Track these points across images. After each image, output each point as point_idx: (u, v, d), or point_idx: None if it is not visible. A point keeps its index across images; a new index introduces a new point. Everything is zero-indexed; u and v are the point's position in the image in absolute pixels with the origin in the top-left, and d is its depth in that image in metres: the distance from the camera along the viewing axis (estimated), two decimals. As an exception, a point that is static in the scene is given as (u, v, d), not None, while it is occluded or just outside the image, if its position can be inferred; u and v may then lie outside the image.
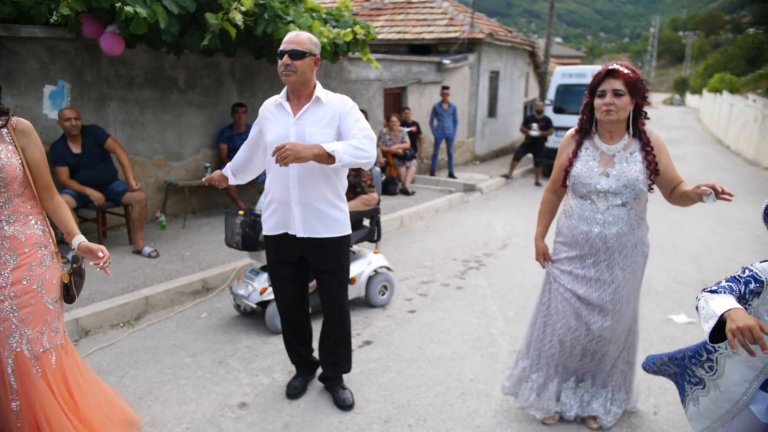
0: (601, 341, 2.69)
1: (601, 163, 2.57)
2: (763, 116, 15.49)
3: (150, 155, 6.11)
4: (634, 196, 2.54)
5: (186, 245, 5.47)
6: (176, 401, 3.02)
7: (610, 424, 2.80)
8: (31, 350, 2.16)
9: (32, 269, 2.17)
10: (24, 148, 2.16)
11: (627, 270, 2.61)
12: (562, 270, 2.74)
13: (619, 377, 2.83)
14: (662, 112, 41.91)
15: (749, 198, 9.86)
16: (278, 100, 2.77)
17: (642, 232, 2.63)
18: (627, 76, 2.45)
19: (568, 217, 2.72)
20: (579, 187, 2.61)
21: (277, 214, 2.80)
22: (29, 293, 2.16)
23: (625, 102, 2.47)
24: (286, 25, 5.47)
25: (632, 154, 2.54)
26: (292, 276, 2.93)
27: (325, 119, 2.68)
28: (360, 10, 13.49)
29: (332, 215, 2.78)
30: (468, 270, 5.40)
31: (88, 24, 4.79)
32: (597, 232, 2.59)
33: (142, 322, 4.04)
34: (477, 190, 9.53)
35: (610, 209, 2.56)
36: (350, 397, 3.03)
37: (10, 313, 2.12)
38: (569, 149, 2.69)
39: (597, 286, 2.64)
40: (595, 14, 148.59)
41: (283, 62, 2.62)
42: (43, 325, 2.20)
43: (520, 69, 15.18)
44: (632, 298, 2.68)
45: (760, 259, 1.96)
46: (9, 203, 2.13)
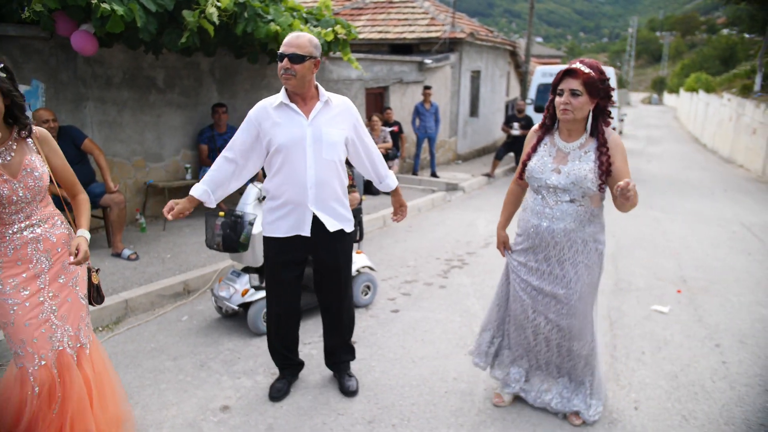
0: (561, 333, 2.73)
1: (555, 160, 2.63)
2: (738, 115, 15.81)
3: (129, 156, 6.02)
4: (583, 194, 2.58)
5: (166, 247, 5.40)
6: (157, 406, 2.97)
7: (593, 418, 2.83)
8: (72, 346, 2.25)
9: (66, 267, 2.28)
10: (47, 155, 2.27)
11: (579, 266, 2.66)
12: (519, 261, 2.83)
13: (595, 373, 2.86)
14: (641, 111, 42.55)
15: (725, 195, 10.05)
16: (280, 101, 2.70)
17: (594, 229, 2.66)
18: (586, 76, 2.46)
19: (523, 209, 2.82)
20: (532, 181, 2.69)
21: (291, 217, 2.78)
22: (65, 290, 2.26)
23: (582, 102, 2.50)
24: (267, 24, 5.43)
25: (587, 153, 2.58)
26: (295, 279, 2.95)
27: (336, 119, 2.76)
28: (341, 9, 13.46)
29: (341, 212, 2.87)
30: (451, 269, 5.41)
31: (63, 22, 4.69)
32: (545, 226, 2.66)
33: (122, 326, 3.97)
34: (459, 189, 9.57)
35: (558, 204, 2.62)
36: (355, 384, 3.14)
37: (50, 313, 2.20)
38: (531, 143, 2.77)
39: (550, 279, 2.71)
40: (575, 14, 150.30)
41: (283, 65, 2.61)
42: (80, 321, 2.31)
43: (501, 68, 15.27)
44: (587, 295, 2.70)
45: (736, 255, 1.99)
46: (38, 209, 2.23)
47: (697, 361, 3.58)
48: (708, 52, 41.10)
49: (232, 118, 6.88)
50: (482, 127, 14.20)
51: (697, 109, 25.13)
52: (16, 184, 2.10)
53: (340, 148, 2.77)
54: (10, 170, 2.11)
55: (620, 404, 3.05)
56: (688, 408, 3.03)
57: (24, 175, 2.12)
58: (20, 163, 2.13)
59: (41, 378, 2.16)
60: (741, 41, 34.79)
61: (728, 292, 4.90)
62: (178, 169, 6.50)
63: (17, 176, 2.11)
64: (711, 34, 57.00)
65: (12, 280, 2.13)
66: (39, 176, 2.17)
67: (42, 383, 2.15)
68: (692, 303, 4.62)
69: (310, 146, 2.68)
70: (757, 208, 8.93)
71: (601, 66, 2.54)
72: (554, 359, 2.85)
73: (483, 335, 3.09)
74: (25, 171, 2.13)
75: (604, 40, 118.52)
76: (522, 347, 2.92)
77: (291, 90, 2.69)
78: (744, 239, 6.72)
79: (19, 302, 2.13)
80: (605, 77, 2.52)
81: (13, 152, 2.14)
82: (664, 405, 3.05)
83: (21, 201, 2.13)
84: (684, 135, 24.83)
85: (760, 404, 3.08)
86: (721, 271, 5.47)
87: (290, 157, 2.69)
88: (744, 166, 14.34)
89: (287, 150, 2.68)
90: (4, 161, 2.11)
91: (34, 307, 2.16)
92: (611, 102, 2.58)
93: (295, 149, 2.68)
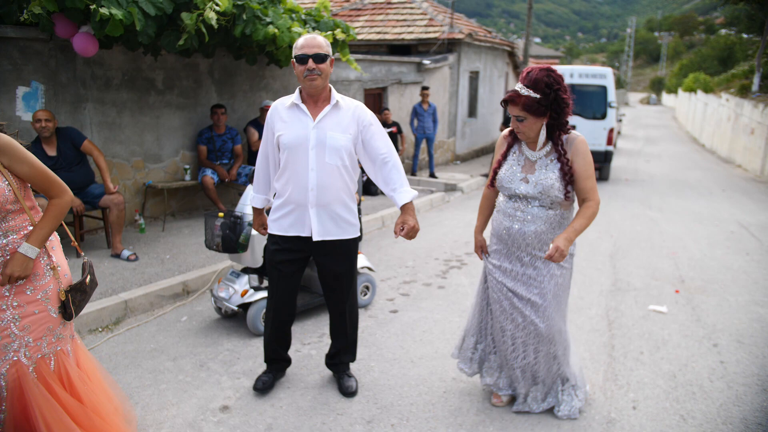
0: (539, 336, 2.75)
1: (524, 169, 2.67)
2: (736, 115, 15.84)
3: (128, 157, 6.03)
4: (551, 201, 2.63)
5: (166, 248, 5.40)
6: (157, 406, 2.98)
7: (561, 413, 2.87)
8: (29, 357, 2.16)
9: (36, 279, 2.17)
10: (8, 166, 2.09)
11: (551, 267, 2.69)
12: (494, 264, 2.85)
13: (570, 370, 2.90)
14: (639, 111, 42.61)
15: (723, 195, 10.07)
16: (292, 101, 2.75)
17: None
18: (524, 99, 2.46)
19: (497, 211, 2.85)
20: (503, 189, 2.75)
21: (292, 216, 2.81)
22: (32, 303, 2.16)
23: (528, 124, 2.54)
24: (265, 26, 5.44)
25: (552, 161, 2.62)
26: (293, 273, 2.96)
27: (343, 123, 2.74)
28: (340, 10, 13.48)
29: (346, 217, 2.84)
30: (449, 269, 5.42)
31: (62, 24, 4.70)
32: (517, 229, 2.69)
33: (122, 326, 3.98)
34: (458, 190, 9.58)
35: (529, 208, 2.66)
36: (354, 385, 3.14)
37: (10, 322, 2.12)
38: (501, 150, 2.80)
39: (524, 280, 2.74)
40: (573, 15, 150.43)
41: (307, 67, 2.63)
42: (45, 332, 2.20)
43: (499, 69, 15.29)
44: (560, 295, 2.74)
45: (734, 254, 2.01)
46: (3, 222, 2.10)
47: (695, 361, 3.59)
48: (706, 52, 41.16)
49: (231, 119, 6.90)
50: (480, 128, 14.22)
51: (696, 109, 25.18)
52: None
53: (344, 153, 2.75)
54: None
55: (618, 404, 3.06)
56: (686, 407, 3.04)
57: None
58: None
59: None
60: (739, 41, 34.84)
61: (726, 292, 4.92)
62: (178, 170, 6.51)
63: None
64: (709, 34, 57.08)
65: None
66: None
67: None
68: (690, 303, 4.63)
69: (312, 148, 2.70)
70: (755, 208, 8.95)
71: (548, 77, 2.46)
72: (531, 366, 2.84)
73: (467, 340, 3.11)
74: None
75: (603, 40, 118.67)
76: (501, 351, 2.92)
77: (312, 91, 2.70)
78: (742, 239, 6.74)
79: None
80: (554, 89, 2.46)
81: None
82: (662, 404, 3.07)
83: None
84: (682, 135, 24.87)
85: (758, 403, 3.10)
86: (718, 271, 5.49)
87: (294, 158, 2.71)
88: (742, 166, 14.37)
89: (291, 150, 2.71)
90: None
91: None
92: (566, 112, 2.54)
93: (298, 150, 2.70)
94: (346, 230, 2.86)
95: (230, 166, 6.56)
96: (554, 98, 2.50)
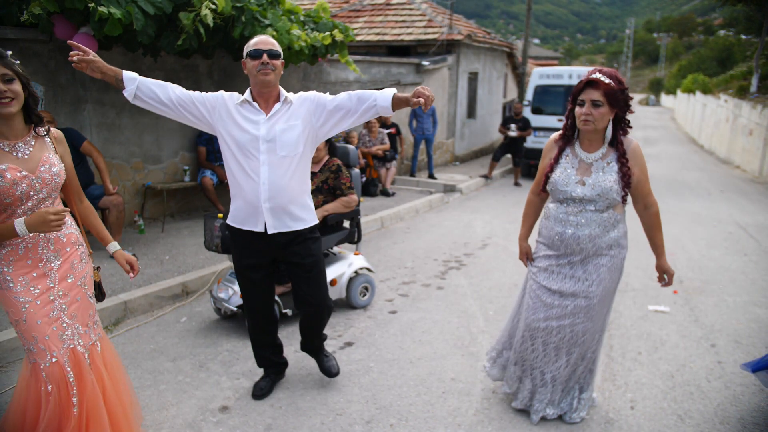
0: (574, 338, 2.73)
1: (578, 171, 2.63)
2: (734, 116, 15.87)
3: (127, 158, 6.03)
4: (608, 204, 2.60)
5: (165, 249, 5.41)
6: (156, 406, 2.99)
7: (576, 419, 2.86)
8: (83, 345, 2.26)
9: (74, 267, 2.29)
10: (62, 156, 2.28)
11: (602, 269, 2.66)
12: (539, 267, 2.80)
13: (588, 377, 2.89)
14: (638, 112, 42.54)
15: (722, 196, 10.08)
16: (243, 98, 2.74)
17: (617, 234, 2.67)
18: (607, 87, 2.47)
19: (546, 218, 2.79)
20: (556, 193, 2.69)
21: (244, 212, 2.79)
22: (74, 290, 2.27)
23: (603, 112, 2.51)
24: (264, 28, 5.45)
25: (609, 164, 2.59)
26: (262, 279, 2.92)
27: (293, 115, 2.73)
28: (339, 11, 13.49)
29: (299, 210, 2.81)
30: (448, 270, 5.43)
31: (61, 25, 4.71)
32: (570, 234, 2.65)
33: (121, 327, 3.99)
34: (457, 191, 9.59)
35: (583, 212, 2.63)
36: (335, 365, 3.21)
37: (60, 312, 2.21)
38: (551, 154, 2.75)
39: (572, 282, 2.70)
40: (572, 16, 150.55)
41: (261, 61, 2.63)
42: (89, 319, 2.32)
43: (498, 70, 15.31)
44: (606, 298, 2.73)
45: (732, 255, 2.03)
46: (53, 206, 2.21)
47: (692, 361, 3.60)
48: (705, 53, 41.21)
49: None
50: (480, 129, 14.23)
51: (694, 110, 25.22)
52: (34, 180, 2.12)
53: (299, 143, 2.72)
54: (28, 166, 2.12)
55: (617, 404, 3.08)
56: (684, 407, 3.06)
57: (42, 171, 2.14)
58: (39, 159, 2.15)
59: (53, 375, 2.17)
60: (737, 42, 34.91)
61: (724, 292, 4.93)
62: (177, 171, 6.52)
63: (35, 172, 2.13)
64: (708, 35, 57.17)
65: (22, 279, 2.15)
66: (57, 172, 2.18)
67: (54, 381, 2.17)
68: (688, 303, 4.65)
69: (263, 143, 2.68)
70: (753, 208, 8.97)
71: (620, 76, 2.54)
72: (561, 371, 2.80)
73: (498, 348, 3.08)
74: (44, 167, 2.15)
75: (602, 41, 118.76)
76: (530, 359, 2.85)
77: (264, 87, 2.69)
78: (740, 240, 6.76)
79: (31, 300, 2.15)
80: (625, 87, 2.53)
81: (32, 148, 2.16)
82: (660, 404, 3.08)
83: (37, 196, 2.15)
84: (681, 136, 24.90)
85: (755, 403, 3.11)
86: (716, 271, 5.50)
87: (246, 154, 2.69)
88: (741, 167, 14.39)
89: (243, 147, 2.68)
90: (22, 156, 2.12)
91: (45, 305, 2.18)
92: (630, 111, 2.58)
93: (249, 147, 2.68)
94: (302, 220, 2.82)
95: (229, 167, 6.57)
96: (625, 95, 2.52)
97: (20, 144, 2.13)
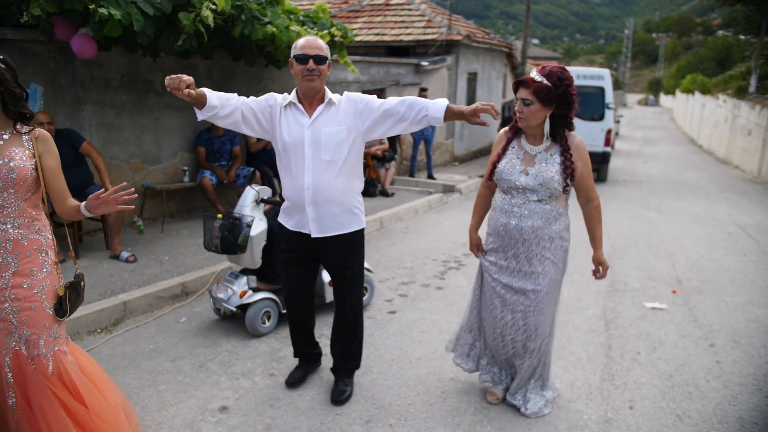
0: (527, 332, 2.82)
1: (523, 162, 2.74)
2: (733, 116, 15.89)
3: (127, 159, 6.03)
4: (550, 194, 2.70)
5: (164, 249, 5.41)
6: (156, 407, 2.99)
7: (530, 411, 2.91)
8: (28, 350, 2.22)
9: (33, 274, 2.22)
10: (41, 155, 2.25)
11: (546, 261, 2.76)
12: (490, 261, 2.92)
13: (541, 369, 2.94)
14: (637, 112, 42.67)
15: (721, 196, 10.10)
16: (289, 101, 2.77)
17: (560, 227, 2.76)
18: (537, 85, 2.55)
19: (493, 209, 2.91)
20: (501, 182, 2.79)
21: (295, 215, 2.86)
22: (29, 297, 2.21)
23: (534, 110, 2.60)
24: (264, 27, 5.46)
25: (552, 156, 2.70)
26: (305, 274, 3.01)
27: (337, 117, 2.74)
28: (338, 12, 13.49)
29: (346, 214, 2.84)
30: (448, 270, 5.44)
31: (61, 26, 4.71)
32: (514, 225, 2.75)
33: (121, 327, 3.99)
34: (456, 191, 9.60)
35: (526, 204, 2.72)
36: (348, 391, 3.08)
37: (9, 314, 2.18)
38: (500, 146, 2.86)
39: (519, 276, 2.80)
40: (571, 16, 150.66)
41: (308, 67, 2.64)
42: (41, 329, 2.24)
43: (497, 70, 15.33)
44: (553, 291, 2.82)
45: (731, 255, 2.05)
46: (16, 205, 2.18)
47: (691, 361, 3.61)
48: (704, 54, 41.24)
49: (230, 120, 6.90)
50: (479, 129, 14.24)
51: (693, 110, 25.25)
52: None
53: (343, 148, 2.73)
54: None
55: (615, 403, 3.08)
56: (683, 407, 3.06)
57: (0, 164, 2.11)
58: (2, 153, 2.13)
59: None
60: (736, 42, 34.93)
61: (723, 292, 4.94)
62: (176, 171, 6.52)
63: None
64: (707, 35, 57.25)
65: None
66: (13, 167, 2.12)
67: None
68: (687, 303, 4.66)
69: (308, 147, 2.71)
70: (752, 208, 8.98)
71: (562, 73, 2.57)
72: (512, 358, 2.94)
73: (463, 337, 3.16)
74: (2, 161, 2.12)
75: (601, 41, 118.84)
76: (491, 348, 3.02)
77: (310, 92, 2.71)
78: (739, 240, 6.77)
79: None
80: (564, 83, 2.56)
81: (3, 141, 2.15)
82: (659, 404, 3.09)
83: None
84: (680, 136, 24.93)
85: (754, 403, 3.12)
86: (715, 271, 5.51)
87: (292, 157, 2.74)
88: (739, 167, 14.41)
89: (289, 149, 2.74)
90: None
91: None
92: (572, 108, 2.63)
93: (295, 150, 2.73)
94: (346, 225, 2.84)
95: (229, 168, 6.57)
96: (563, 92, 2.58)
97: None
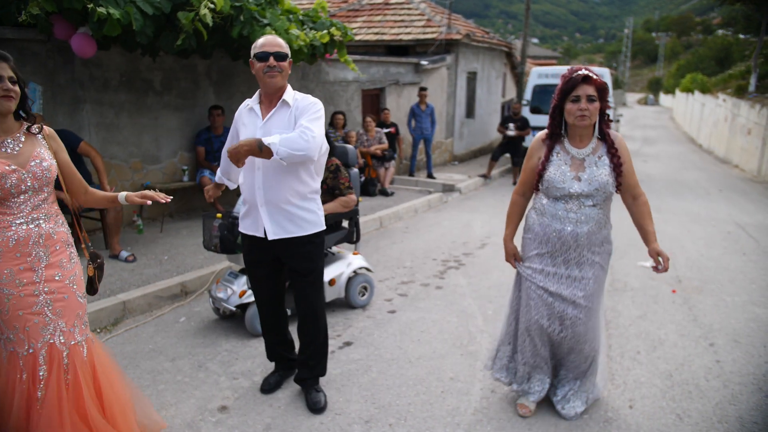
0: (575, 337, 2.77)
1: (572, 167, 2.65)
2: (733, 116, 15.89)
3: (126, 158, 6.03)
4: (605, 197, 2.65)
5: (164, 249, 5.41)
6: (155, 406, 2.97)
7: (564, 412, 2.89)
8: (63, 342, 2.27)
9: (63, 265, 2.31)
10: (56, 151, 2.35)
11: (595, 266, 2.72)
12: (534, 269, 2.80)
13: (590, 372, 2.93)
14: (637, 111, 42.64)
15: (720, 195, 10.10)
16: (249, 104, 2.80)
17: (608, 231, 2.74)
18: (598, 83, 2.55)
19: (540, 215, 2.78)
20: (553, 191, 2.68)
21: (250, 216, 2.85)
22: (62, 288, 2.28)
23: (597, 107, 2.58)
24: (263, 28, 5.45)
25: (600, 158, 2.64)
26: (267, 275, 2.98)
27: (291, 119, 2.70)
28: (338, 11, 13.48)
29: (301, 215, 2.78)
30: (447, 270, 5.43)
31: (60, 25, 4.70)
32: (570, 231, 2.67)
33: (120, 327, 3.98)
34: (456, 191, 9.60)
35: (582, 209, 2.65)
36: (323, 400, 2.98)
37: (44, 306, 2.23)
38: (540, 153, 2.75)
39: (568, 282, 2.73)
40: (571, 15, 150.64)
41: (268, 64, 2.64)
42: (75, 318, 2.32)
43: (497, 70, 15.32)
44: (599, 295, 2.79)
45: (731, 255, 2.05)
46: (45, 203, 2.27)
47: (691, 360, 3.61)
48: (703, 53, 41.22)
49: (229, 120, 6.89)
50: (478, 129, 14.24)
51: (693, 109, 25.25)
52: (24, 174, 2.16)
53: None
54: (18, 161, 2.17)
55: (615, 403, 3.08)
56: (683, 406, 3.06)
57: (33, 165, 2.19)
58: (29, 155, 2.20)
59: (28, 365, 2.21)
60: (736, 42, 34.91)
61: (723, 291, 4.93)
62: (176, 171, 6.51)
63: (26, 167, 2.18)
64: (706, 34, 57.25)
65: (8, 270, 2.17)
66: (47, 167, 2.22)
67: (29, 370, 2.21)
68: (687, 303, 4.65)
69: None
70: (752, 208, 8.98)
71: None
72: (566, 363, 2.90)
73: (502, 349, 3.06)
74: (34, 162, 2.20)
75: (600, 41, 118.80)
76: (538, 357, 2.89)
77: (271, 90, 2.70)
78: (739, 239, 6.76)
79: (15, 293, 2.18)
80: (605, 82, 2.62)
81: (22, 143, 2.21)
82: (659, 404, 3.08)
83: (29, 190, 2.19)
84: (680, 135, 24.92)
85: (754, 402, 3.11)
86: (715, 271, 5.51)
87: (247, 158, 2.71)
88: (739, 167, 14.41)
89: None
90: (11, 152, 2.18)
91: (29, 297, 2.20)
92: (609, 105, 2.66)
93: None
94: (302, 227, 2.79)
95: (228, 167, 6.57)
96: (608, 90, 2.61)
97: (9, 140, 2.18)
